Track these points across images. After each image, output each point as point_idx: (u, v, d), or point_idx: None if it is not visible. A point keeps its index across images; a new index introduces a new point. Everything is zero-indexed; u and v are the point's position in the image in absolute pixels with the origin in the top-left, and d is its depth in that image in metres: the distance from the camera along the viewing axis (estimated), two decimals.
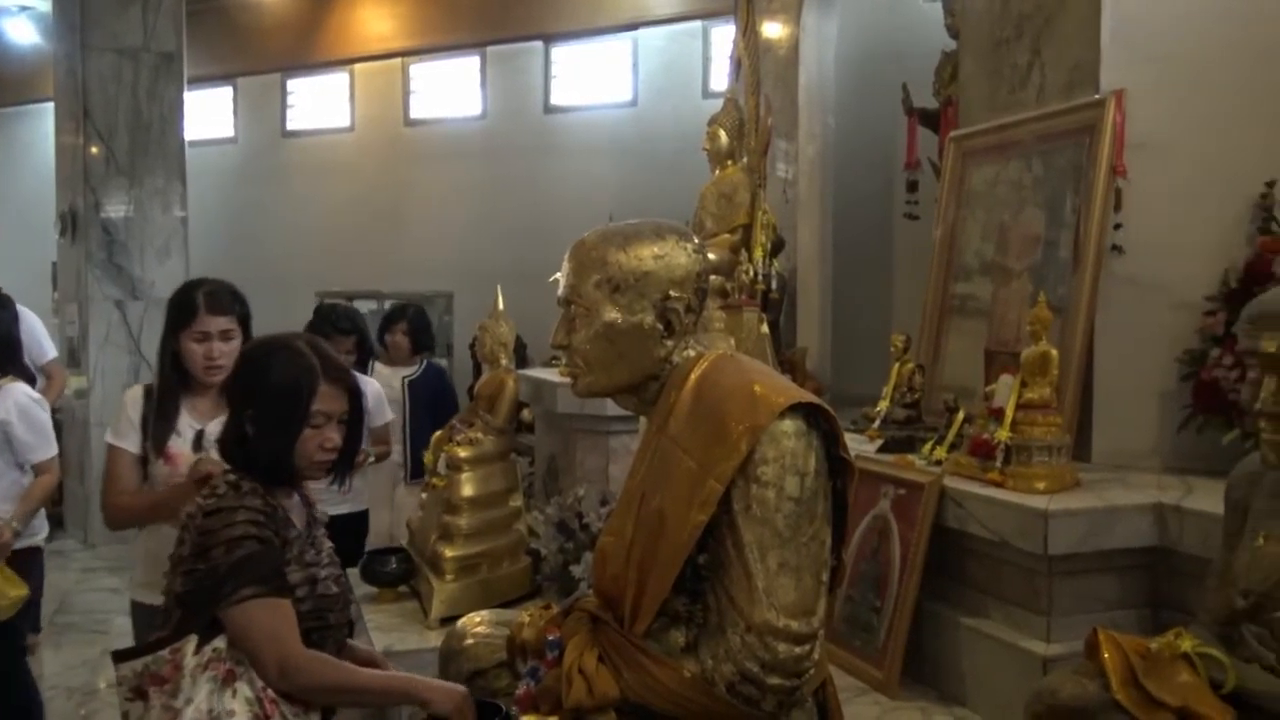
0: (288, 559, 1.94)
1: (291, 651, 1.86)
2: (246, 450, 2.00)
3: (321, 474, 2.11)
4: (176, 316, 2.68)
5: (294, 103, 9.45)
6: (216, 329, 2.67)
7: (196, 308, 2.65)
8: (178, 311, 2.69)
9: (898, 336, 3.41)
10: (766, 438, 1.60)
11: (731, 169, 4.07)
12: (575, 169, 8.05)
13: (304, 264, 8.62)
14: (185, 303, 2.67)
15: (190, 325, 2.66)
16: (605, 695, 1.63)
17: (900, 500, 2.78)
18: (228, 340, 2.67)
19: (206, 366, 2.65)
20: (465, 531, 3.36)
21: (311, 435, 2.02)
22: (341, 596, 2.09)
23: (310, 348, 2.05)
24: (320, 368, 2.02)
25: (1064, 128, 3.09)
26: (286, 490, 2.06)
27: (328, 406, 2.02)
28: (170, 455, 2.65)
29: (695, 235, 3.89)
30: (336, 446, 2.05)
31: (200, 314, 2.65)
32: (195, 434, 2.65)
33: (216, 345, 2.66)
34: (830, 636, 2.86)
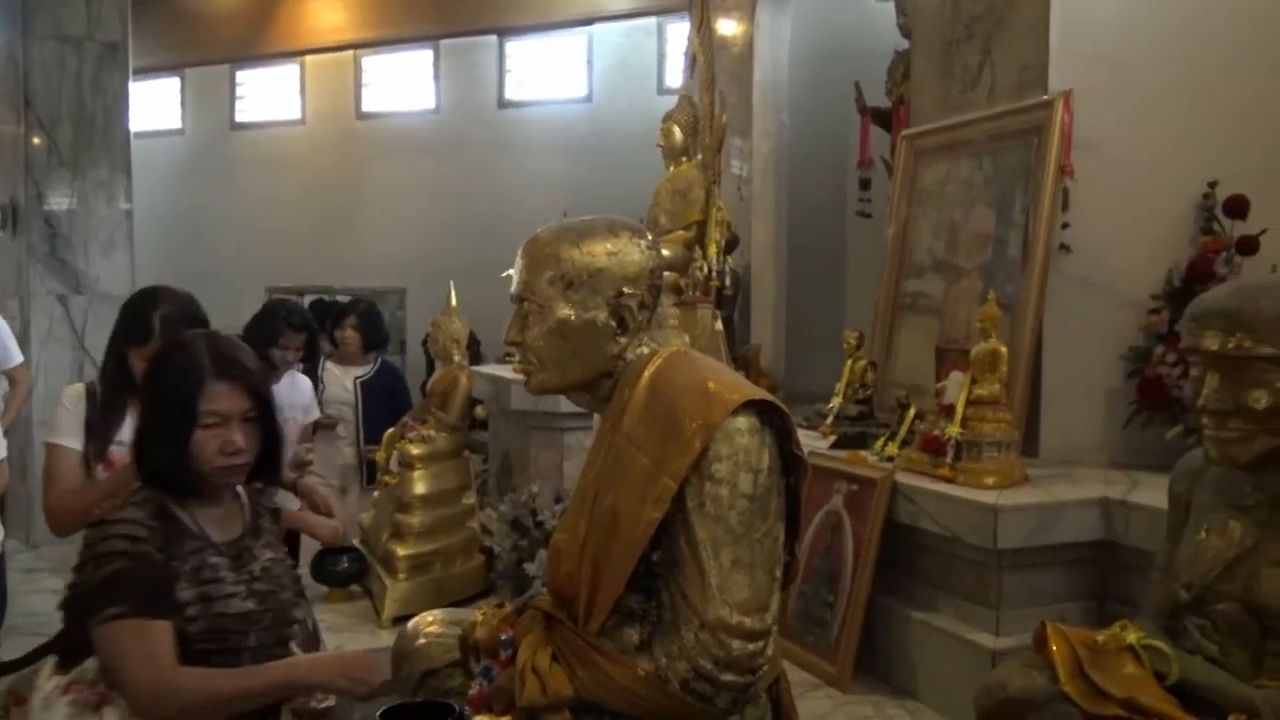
0: (178, 575, 1.84)
1: (162, 678, 1.75)
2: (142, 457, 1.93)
3: (232, 478, 1.99)
4: (128, 332, 2.58)
5: (243, 94, 9.30)
6: None
7: (150, 332, 2.53)
8: (130, 328, 2.58)
9: (850, 333, 3.43)
10: (720, 435, 1.60)
11: (686, 166, 4.08)
12: (530, 164, 8.02)
13: (253, 259, 8.48)
14: (139, 323, 2.56)
15: (141, 347, 2.53)
16: (559, 694, 1.62)
17: (853, 496, 2.80)
18: None
19: None
20: (418, 530, 3.33)
21: (207, 437, 1.90)
22: (263, 614, 1.95)
23: (209, 346, 1.96)
24: (211, 366, 1.92)
25: (1014, 128, 3.12)
26: (205, 499, 1.96)
27: (222, 406, 1.92)
28: (112, 461, 2.55)
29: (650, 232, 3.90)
30: (240, 449, 1.93)
31: (153, 339, 2.52)
32: None
33: None
34: (784, 632, 2.87)
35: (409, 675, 2.08)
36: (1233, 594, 1.69)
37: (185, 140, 9.52)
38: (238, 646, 1.90)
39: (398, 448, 3.48)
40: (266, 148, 9.19)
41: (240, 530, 2.01)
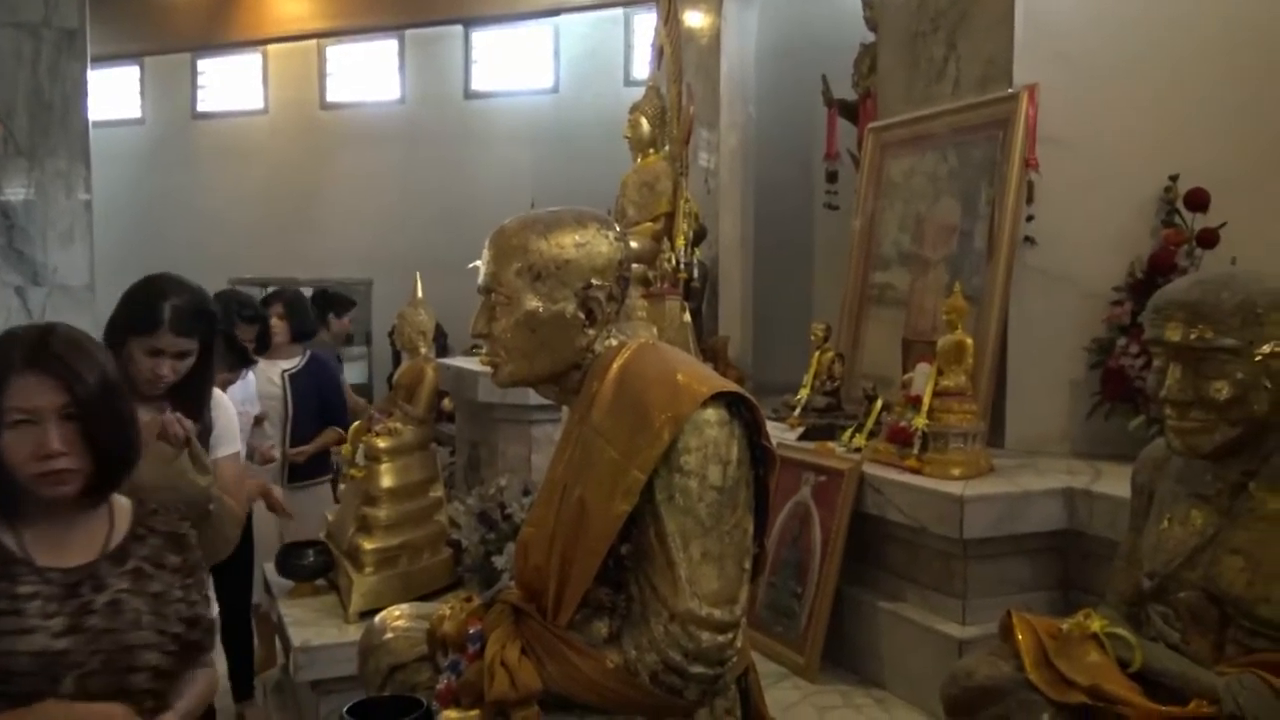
0: None
1: None
2: None
3: (56, 489, 1.67)
4: (134, 320, 2.40)
5: (205, 83, 9.16)
6: (174, 349, 2.39)
7: (159, 322, 2.36)
8: (137, 317, 2.39)
9: (818, 325, 3.45)
10: (689, 427, 1.60)
11: (653, 157, 4.07)
12: (496, 155, 7.97)
13: (216, 250, 8.36)
14: (148, 313, 2.37)
15: (147, 337, 2.37)
16: (528, 687, 1.61)
17: (820, 487, 2.81)
18: (182, 360, 2.42)
19: (150, 380, 2.39)
20: (384, 523, 3.30)
21: (15, 439, 1.63)
22: (87, 657, 1.64)
23: (27, 336, 1.69)
24: (21, 356, 1.64)
25: (979, 121, 3.14)
26: (44, 516, 1.69)
27: (30, 401, 1.63)
28: None
29: (617, 224, 3.88)
30: (54, 452, 1.63)
31: (161, 330, 2.37)
32: None
33: (169, 363, 2.39)
34: (752, 623, 2.88)
35: (375, 670, 2.06)
36: (1194, 582, 1.72)
37: (145, 130, 9.36)
38: (36, 690, 1.59)
39: (364, 441, 3.45)
40: (229, 138, 9.06)
41: (94, 555, 1.72)
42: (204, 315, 2.47)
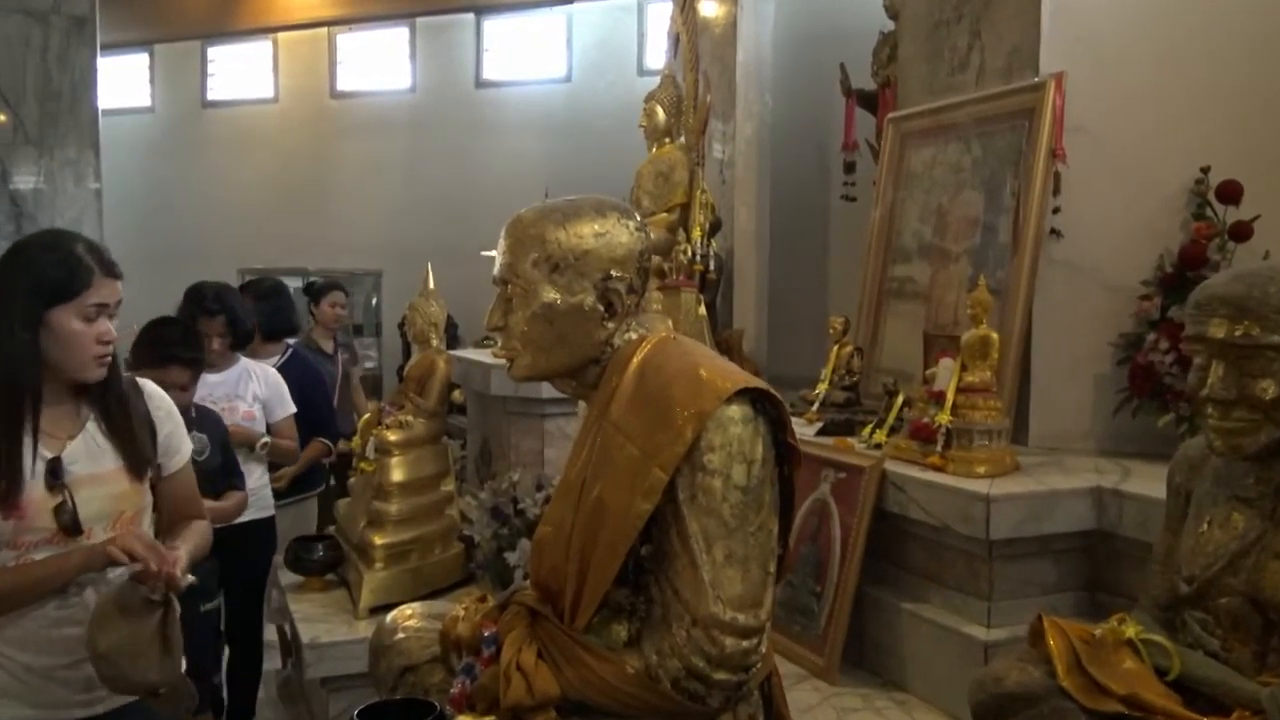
0: None
1: None
2: None
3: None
4: (56, 285, 1.87)
5: (214, 71, 9.10)
6: (114, 299, 1.94)
7: (90, 270, 1.88)
8: (59, 278, 1.87)
9: (836, 319, 3.38)
10: (713, 424, 1.54)
11: (669, 147, 4.00)
12: (507, 146, 7.90)
13: (225, 239, 8.32)
14: (70, 265, 1.87)
15: (79, 295, 1.87)
16: (545, 693, 1.56)
17: (840, 484, 2.75)
18: (113, 318, 1.97)
19: (97, 356, 1.91)
20: (395, 518, 3.27)
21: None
22: None
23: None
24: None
25: (1003, 110, 3.07)
26: None
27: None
28: (20, 504, 1.84)
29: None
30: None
31: (96, 278, 1.89)
32: (47, 466, 1.87)
33: (107, 324, 1.92)
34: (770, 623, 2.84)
35: (387, 671, 2.02)
36: (1236, 588, 1.65)
37: (155, 118, 9.32)
38: None
39: (374, 434, 3.41)
40: (238, 126, 9.01)
41: None
42: None
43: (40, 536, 1.86)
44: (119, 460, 1.96)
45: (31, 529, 1.84)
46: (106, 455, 1.95)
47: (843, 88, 4.27)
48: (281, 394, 3.76)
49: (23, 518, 1.84)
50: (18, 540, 1.85)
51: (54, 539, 1.87)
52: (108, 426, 1.98)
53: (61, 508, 1.87)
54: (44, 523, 1.86)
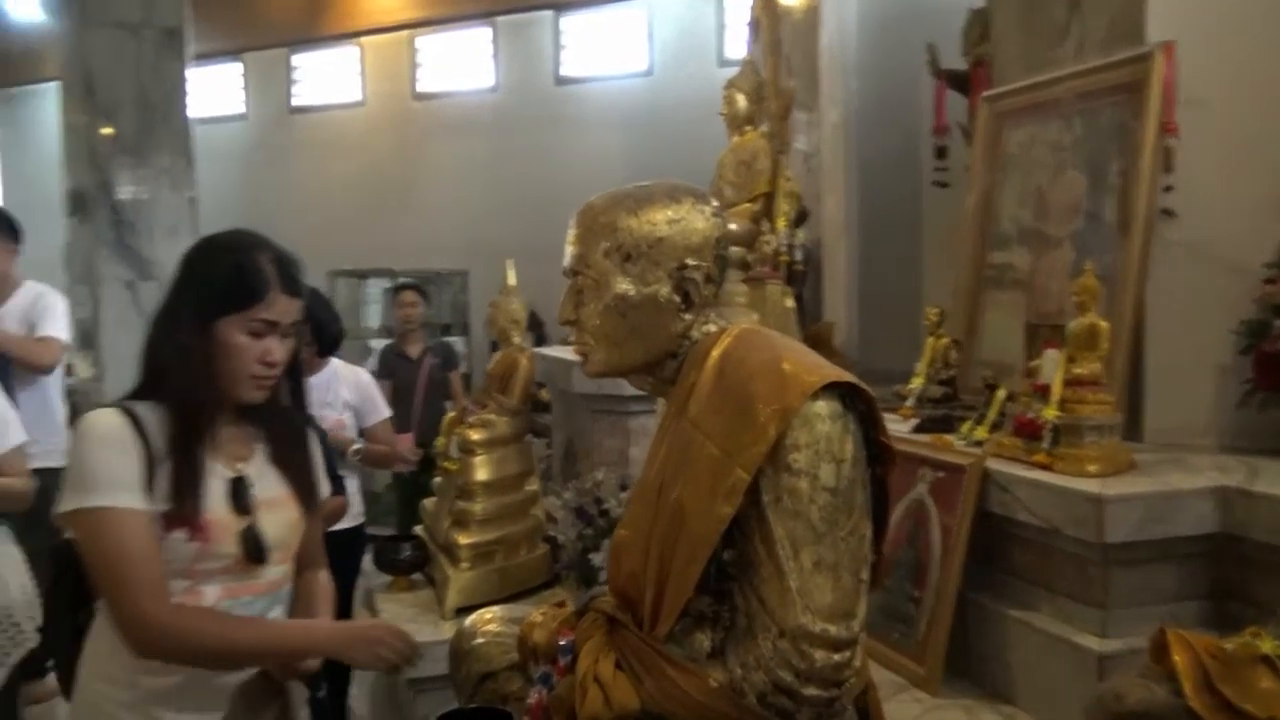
0: None
1: None
2: None
3: None
4: (226, 292, 1.71)
5: (300, 78, 9.27)
6: (287, 318, 1.76)
7: (267, 282, 1.71)
8: (231, 285, 1.71)
9: (932, 309, 3.22)
10: (798, 421, 1.44)
11: (750, 135, 3.88)
12: (588, 141, 7.86)
13: (315, 242, 8.41)
14: (246, 273, 1.72)
15: (248, 308, 1.70)
16: (624, 706, 1.47)
17: (939, 484, 2.61)
18: (286, 339, 1.79)
19: (255, 376, 1.74)
20: (480, 517, 3.23)
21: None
22: None
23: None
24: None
25: (1107, 84, 2.88)
26: None
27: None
28: (205, 524, 1.69)
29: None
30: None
31: (271, 292, 1.72)
32: (229, 486, 1.74)
33: (278, 344, 1.75)
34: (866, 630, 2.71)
35: (466, 677, 1.96)
36: None
37: (247, 125, 9.53)
38: None
39: (457, 433, 3.38)
40: (326, 130, 9.16)
41: None
42: None
43: (221, 564, 1.68)
44: (286, 487, 1.82)
45: (214, 555, 1.67)
46: (276, 481, 1.81)
47: (931, 69, 4.09)
48: (373, 397, 3.74)
49: (207, 540, 1.67)
50: (193, 568, 1.67)
51: (234, 567, 1.70)
52: (276, 452, 1.82)
53: (247, 533, 1.71)
54: (228, 548, 1.69)
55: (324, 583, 1.95)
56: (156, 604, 1.58)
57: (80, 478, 1.61)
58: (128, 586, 1.56)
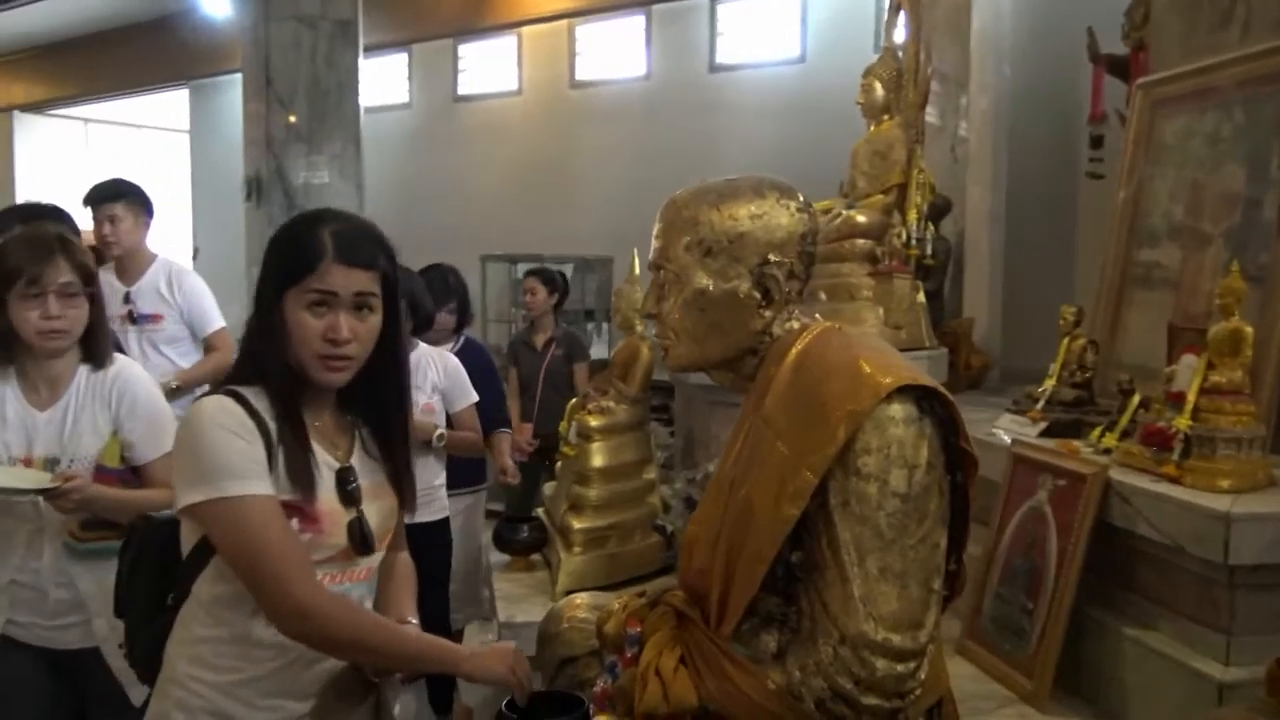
0: None
1: None
2: None
3: None
4: (286, 265, 1.59)
5: (465, 67, 9.57)
6: (347, 289, 1.57)
7: (321, 250, 1.56)
8: (290, 256, 1.59)
9: (1068, 308, 3.06)
10: (870, 424, 1.40)
11: (887, 124, 3.76)
12: (740, 129, 7.79)
13: (470, 227, 8.72)
14: (302, 242, 1.59)
15: (302, 279, 1.56)
16: (681, 701, 1.47)
17: (1059, 492, 2.48)
18: (359, 315, 1.60)
19: (320, 355, 1.58)
20: (594, 503, 3.26)
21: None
22: None
23: None
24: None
25: (1273, 70, 2.67)
26: None
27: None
28: (318, 515, 1.61)
29: (846, 196, 3.61)
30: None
31: (325, 261, 1.56)
32: (337, 475, 1.65)
33: (345, 319, 1.58)
34: (975, 638, 2.61)
35: (550, 661, 2.00)
36: None
37: (412, 114, 9.91)
38: None
39: (577, 419, 3.42)
40: (485, 118, 9.41)
41: None
42: (377, 239, 1.91)
43: (327, 554, 1.62)
44: (384, 475, 1.74)
45: (324, 545, 1.61)
46: (376, 468, 1.73)
47: (1090, 53, 3.88)
48: (462, 382, 3.66)
49: (320, 531, 1.60)
50: None
51: (338, 557, 1.64)
52: (378, 438, 1.74)
53: (355, 524, 1.64)
54: (337, 539, 1.63)
55: (406, 563, 1.88)
56: (312, 588, 1.54)
57: (209, 467, 1.51)
58: (281, 575, 1.50)
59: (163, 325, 3.97)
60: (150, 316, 3.95)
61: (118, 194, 3.90)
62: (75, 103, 13.14)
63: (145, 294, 3.95)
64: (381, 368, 1.68)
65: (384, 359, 1.68)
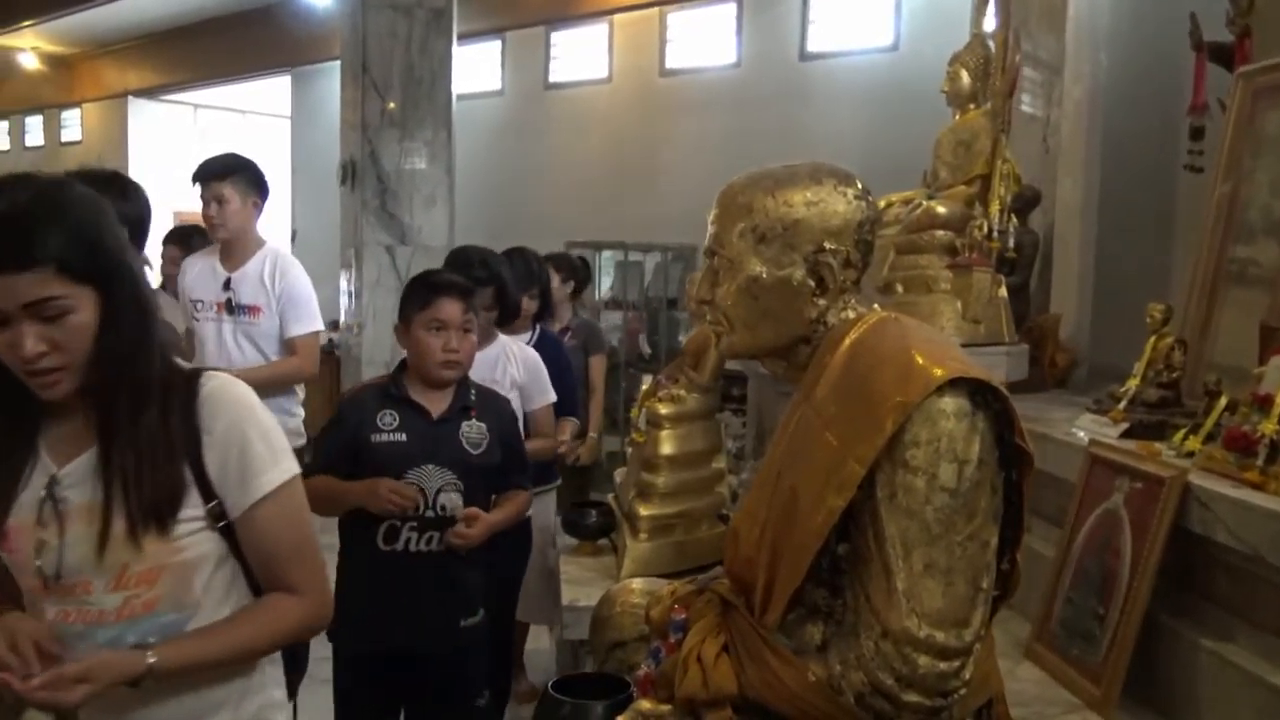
0: None
1: None
2: None
3: None
4: None
5: (556, 55, 9.63)
6: (14, 304, 1.37)
7: None
8: None
9: (1156, 306, 2.95)
10: (920, 416, 1.37)
11: (973, 113, 3.67)
12: (830, 118, 7.67)
13: (556, 214, 8.78)
14: None
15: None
16: (720, 688, 1.47)
17: (1136, 494, 2.40)
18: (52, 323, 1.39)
19: (30, 374, 1.40)
20: (662, 490, 3.27)
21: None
22: None
23: None
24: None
25: None
26: None
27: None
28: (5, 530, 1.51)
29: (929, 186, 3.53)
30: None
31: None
32: None
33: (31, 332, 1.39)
34: (1044, 640, 2.54)
35: (600, 644, 2.02)
36: None
37: (503, 101, 10.01)
38: None
39: (647, 406, 3.43)
40: (575, 106, 9.46)
41: None
42: None
43: None
44: None
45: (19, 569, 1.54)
46: None
47: (1192, 40, 3.71)
48: (541, 378, 3.48)
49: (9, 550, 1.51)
50: None
51: None
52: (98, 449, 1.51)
53: None
54: None
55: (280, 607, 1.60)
56: None
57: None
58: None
59: (260, 319, 3.70)
60: (248, 308, 3.69)
61: (226, 171, 3.61)
62: (185, 88, 13.62)
63: (247, 282, 3.69)
64: (108, 366, 1.43)
65: (105, 358, 1.42)
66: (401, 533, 2.61)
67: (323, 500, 2.43)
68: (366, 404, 2.69)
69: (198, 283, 3.76)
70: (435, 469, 2.63)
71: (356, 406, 2.71)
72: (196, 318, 3.75)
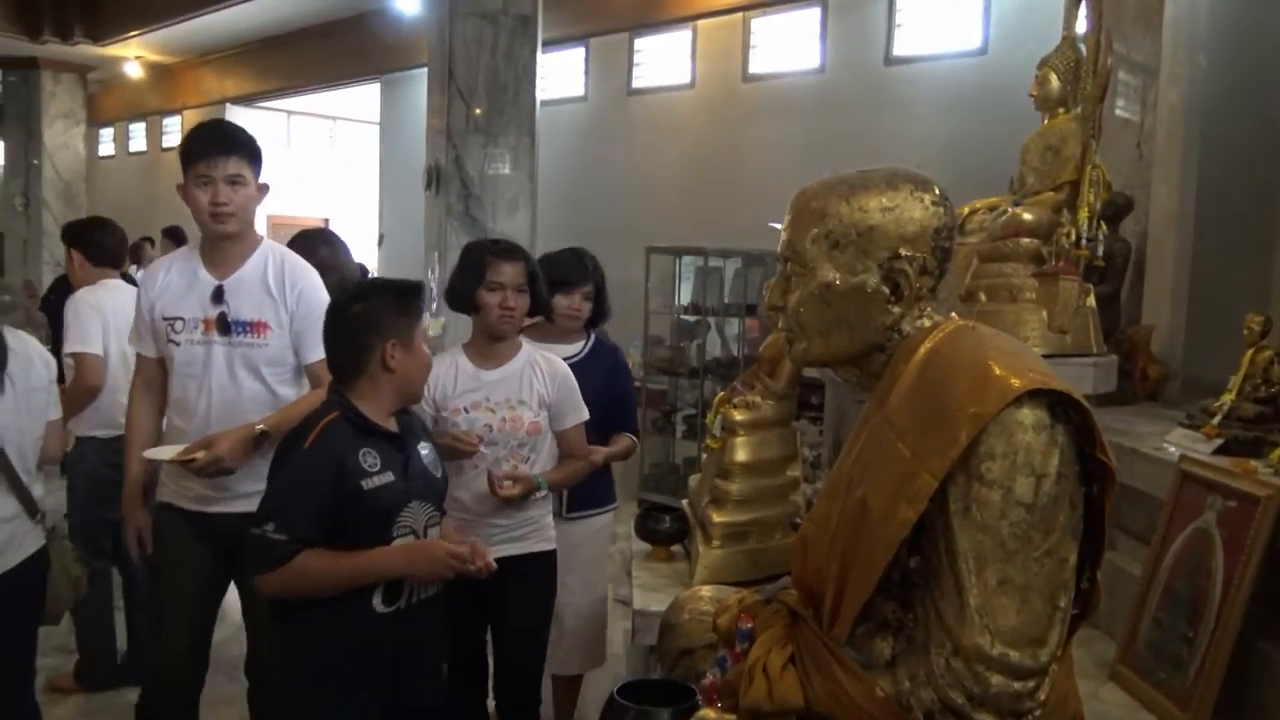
0: None
1: None
2: None
3: None
4: None
5: (640, 61, 9.65)
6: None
7: None
8: None
9: (1254, 318, 2.84)
10: (996, 428, 1.33)
11: (1062, 117, 3.56)
12: (916, 124, 7.55)
13: (638, 219, 8.78)
14: None
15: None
16: (785, 701, 1.45)
17: (1229, 514, 2.31)
18: None
19: None
20: (735, 497, 3.24)
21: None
22: None
23: None
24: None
25: None
26: None
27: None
28: None
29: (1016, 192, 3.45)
30: None
31: None
32: None
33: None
34: (1129, 663, 2.46)
35: (668, 651, 2.01)
36: None
37: (587, 107, 10.07)
38: None
39: (722, 412, 3.41)
40: (658, 112, 9.46)
41: None
42: None
43: None
44: None
45: None
46: None
47: None
48: (573, 395, 3.00)
49: None
50: None
51: None
52: None
53: None
54: None
55: None
56: None
57: None
58: None
59: (267, 338, 2.69)
60: (250, 325, 2.68)
61: (235, 143, 2.65)
62: (280, 95, 14.02)
63: (245, 291, 2.69)
64: None
65: None
66: (404, 585, 2.24)
67: (329, 583, 2.12)
68: (337, 445, 2.15)
69: (172, 295, 2.72)
70: (419, 505, 2.29)
71: (328, 450, 2.13)
72: (174, 340, 2.69)
